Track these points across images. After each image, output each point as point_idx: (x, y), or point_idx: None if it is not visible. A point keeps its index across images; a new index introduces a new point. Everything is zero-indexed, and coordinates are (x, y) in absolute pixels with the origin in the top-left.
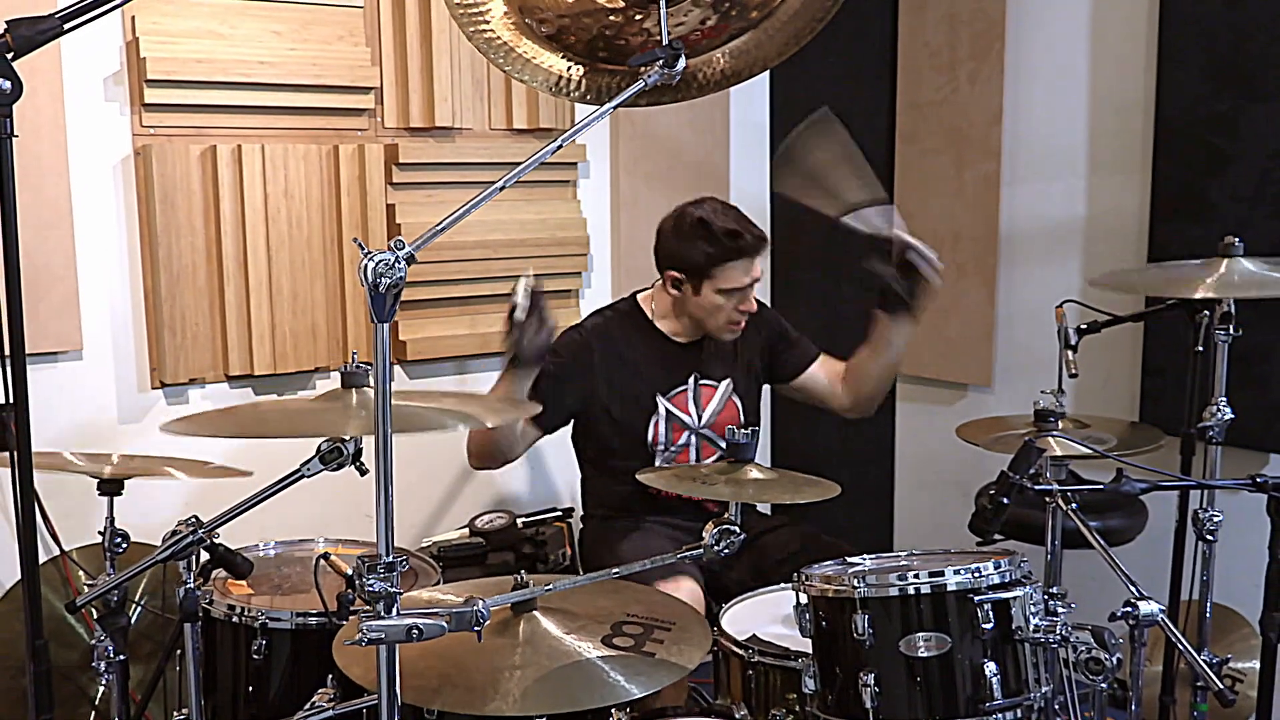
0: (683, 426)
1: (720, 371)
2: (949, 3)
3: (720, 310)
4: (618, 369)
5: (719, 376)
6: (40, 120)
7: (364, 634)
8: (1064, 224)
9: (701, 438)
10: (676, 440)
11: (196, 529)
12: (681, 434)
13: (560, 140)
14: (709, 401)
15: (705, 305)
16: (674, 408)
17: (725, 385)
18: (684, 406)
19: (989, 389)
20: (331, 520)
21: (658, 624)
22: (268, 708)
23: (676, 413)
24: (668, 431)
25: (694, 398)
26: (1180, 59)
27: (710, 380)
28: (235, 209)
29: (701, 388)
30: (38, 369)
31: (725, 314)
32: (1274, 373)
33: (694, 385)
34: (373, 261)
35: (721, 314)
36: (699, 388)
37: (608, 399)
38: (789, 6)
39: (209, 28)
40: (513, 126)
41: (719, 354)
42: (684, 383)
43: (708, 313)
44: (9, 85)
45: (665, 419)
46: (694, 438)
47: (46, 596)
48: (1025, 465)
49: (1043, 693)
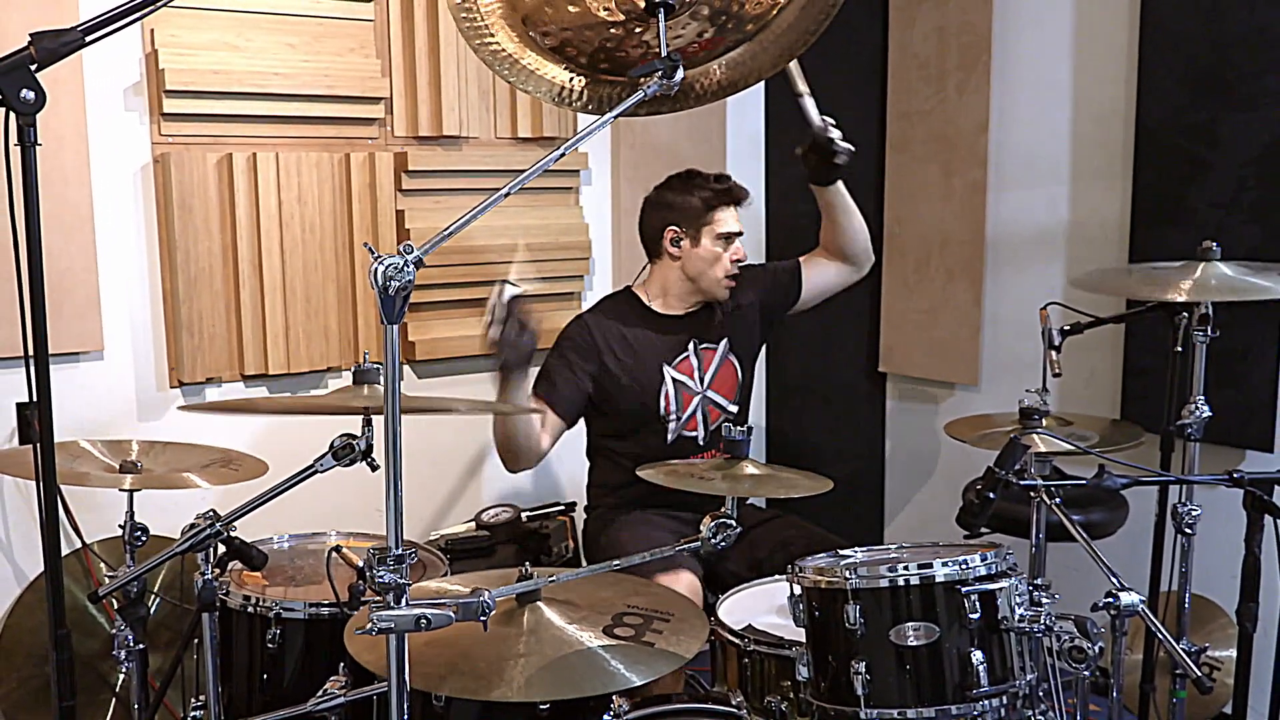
0: (690, 392)
1: (717, 333)
2: (938, 16)
3: (719, 261)
4: (622, 348)
5: (716, 338)
6: (63, 129)
7: (374, 623)
8: (1048, 229)
9: (707, 400)
10: (686, 406)
11: (214, 523)
12: (690, 400)
13: (563, 149)
14: (710, 363)
15: (706, 256)
16: (680, 374)
17: (723, 345)
18: (689, 372)
19: (976, 388)
20: (343, 514)
21: (657, 615)
22: (282, 694)
23: (682, 379)
24: (677, 399)
25: (697, 362)
26: (1160, 70)
27: (709, 343)
28: (250, 214)
29: (702, 351)
30: (60, 368)
31: (723, 265)
32: (1250, 372)
33: (694, 350)
34: (383, 265)
35: (719, 265)
36: (700, 352)
37: (617, 376)
38: (782, 21)
39: (225, 40)
40: (517, 135)
41: (712, 318)
42: (685, 349)
43: (708, 264)
44: (33, 95)
45: (673, 387)
46: (700, 401)
47: (69, 587)
48: (1011, 461)
49: (1027, 680)
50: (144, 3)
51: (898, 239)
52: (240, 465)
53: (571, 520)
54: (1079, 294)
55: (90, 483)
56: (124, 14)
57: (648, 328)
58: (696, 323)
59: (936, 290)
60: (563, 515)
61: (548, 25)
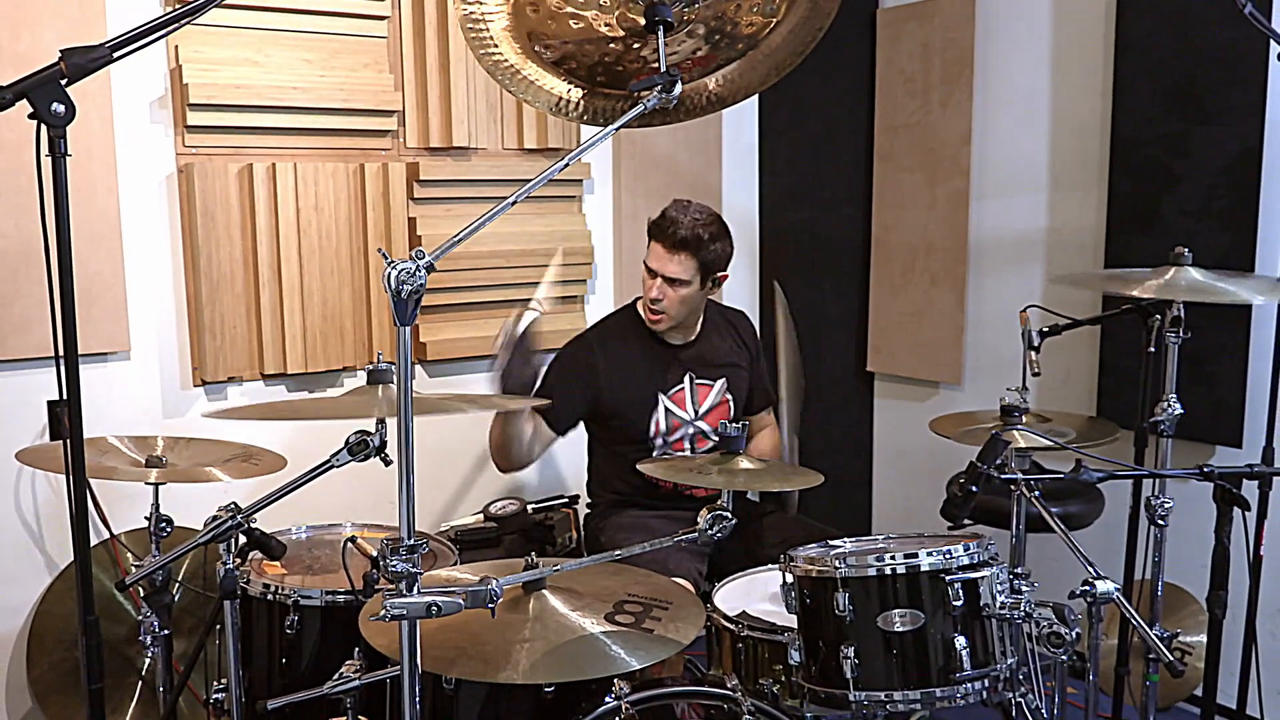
0: (680, 420)
1: (716, 371)
2: (923, 34)
3: (643, 285)
4: (619, 371)
5: (714, 375)
6: (92, 141)
7: (388, 610)
8: (1027, 236)
9: (696, 430)
10: (674, 432)
11: (235, 515)
12: (678, 427)
13: (567, 159)
14: (705, 398)
15: (642, 276)
16: (673, 405)
17: (720, 384)
18: (681, 403)
19: (959, 386)
20: (358, 506)
21: (656, 603)
22: (300, 678)
23: (675, 409)
24: (667, 425)
25: (691, 395)
26: (1134, 85)
27: (706, 379)
28: (270, 222)
29: (698, 386)
30: (89, 368)
31: (645, 292)
32: (1220, 372)
33: (690, 384)
34: (395, 270)
35: (644, 290)
36: (695, 386)
37: (612, 399)
38: (773, 40)
39: (246, 56)
40: (523, 146)
41: (714, 352)
42: (680, 382)
43: (642, 285)
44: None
45: (664, 415)
46: (689, 430)
47: (97, 576)
48: (992, 456)
49: (1008, 664)
50: (169, 21)
51: (885, 245)
52: (260, 460)
53: (575, 513)
54: (1057, 297)
55: (118, 477)
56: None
57: (647, 353)
58: (695, 354)
59: (921, 294)
60: (567, 508)
61: (550, 39)
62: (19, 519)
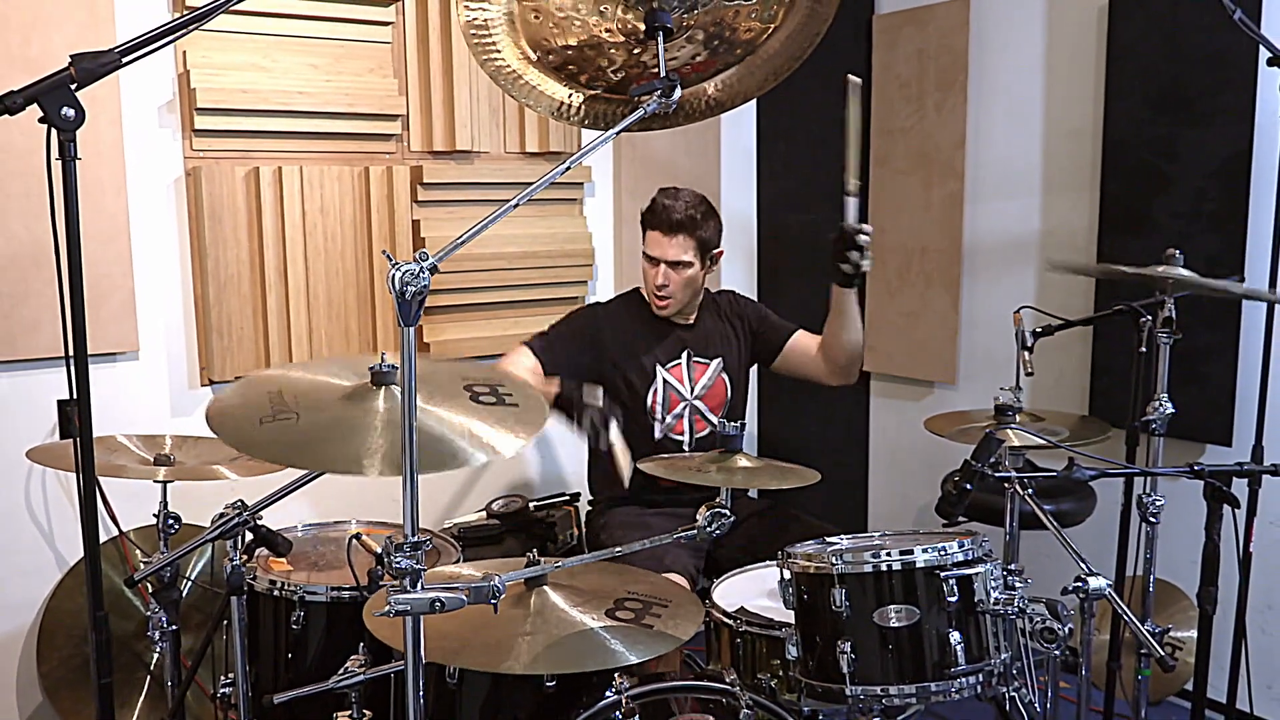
0: (679, 397)
1: (712, 351)
2: (918, 39)
3: (646, 275)
4: (623, 340)
5: (710, 355)
6: (101, 144)
7: (392, 605)
8: (1021, 238)
9: (694, 410)
10: (673, 408)
11: (242, 512)
12: (677, 404)
13: (568, 163)
14: (701, 376)
15: (642, 267)
16: (671, 378)
17: (716, 364)
18: (680, 378)
19: (953, 386)
20: (362, 504)
21: (656, 601)
22: (305, 672)
23: (673, 382)
24: (665, 400)
25: (688, 372)
26: (1125, 89)
27: (702, 358)
28: (276, 224)
29: (694, 363)
30: (98, 368)
31: (650, 281)
32: (1211, 372)
33: (687, 360)
34: (399, 271)
35: (647, 279)
36: (692, 363)
37: (613, 364)
38: (771, 45)
39: (253, 61)
40: (525, 150)
41: (709, 335)
42: (678, 356)
43: (644, 277)
44: (73, 113)
45: (663, 387)
46: (687, 409)
47: (107, 573)
48: (986, 454)
49: (1002, 659)
50: (178, 26)
51: (881, 247)
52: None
53: (576, 510)
54: (1050, 299)
55: (126, 474)
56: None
57: (649, 329)
58: (693, 335)
59: (917, 295)
60: (568, 505)
61: (552, 45)
62: (30, 516)
